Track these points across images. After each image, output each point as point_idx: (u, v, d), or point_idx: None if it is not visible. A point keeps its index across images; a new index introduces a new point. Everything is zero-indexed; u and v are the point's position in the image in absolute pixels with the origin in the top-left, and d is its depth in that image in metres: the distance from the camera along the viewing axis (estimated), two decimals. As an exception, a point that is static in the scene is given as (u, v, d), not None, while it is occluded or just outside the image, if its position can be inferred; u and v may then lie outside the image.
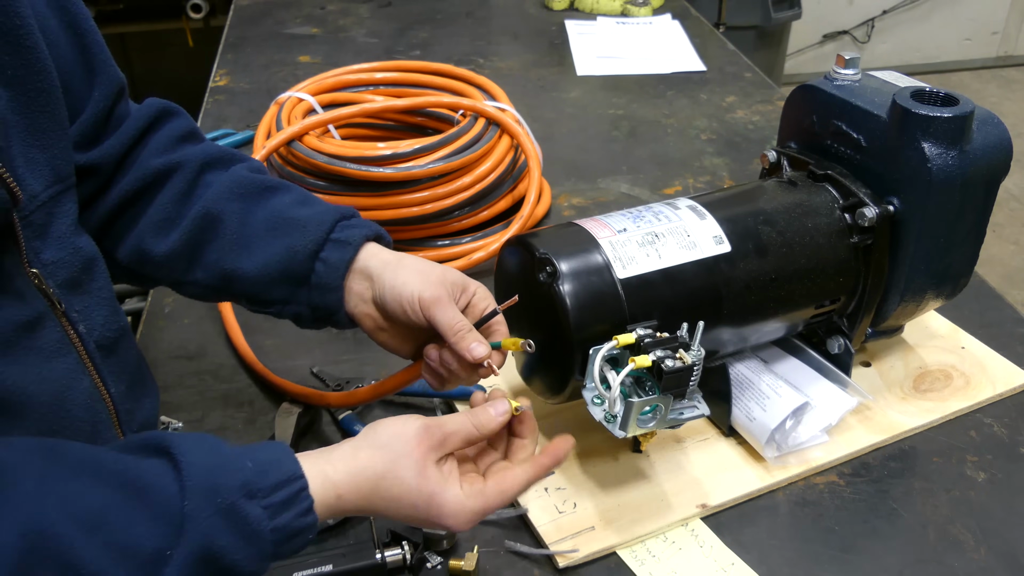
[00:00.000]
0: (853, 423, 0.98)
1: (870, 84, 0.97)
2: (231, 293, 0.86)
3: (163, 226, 0.85)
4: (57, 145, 0.74)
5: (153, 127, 0.88)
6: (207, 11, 2.94)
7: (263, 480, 0.62)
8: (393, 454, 0.68)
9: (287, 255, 0.82)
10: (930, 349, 1.09)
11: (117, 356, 0.79)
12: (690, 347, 0.79)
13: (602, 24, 2.15)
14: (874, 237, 0.93)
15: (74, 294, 0.74)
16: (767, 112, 1.73)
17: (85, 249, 0.76)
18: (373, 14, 2.21)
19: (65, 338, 0.73)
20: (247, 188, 0.85)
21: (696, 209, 0.92)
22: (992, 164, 0.92)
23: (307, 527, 0.63)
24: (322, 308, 0.83)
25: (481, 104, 1.32)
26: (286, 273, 0.82)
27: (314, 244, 0.81)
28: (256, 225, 0.84)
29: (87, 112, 0.81)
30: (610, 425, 0.79)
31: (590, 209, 1.41)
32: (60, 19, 0.78)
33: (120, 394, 0.78)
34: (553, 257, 0.83)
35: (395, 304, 0.79)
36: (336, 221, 0.83)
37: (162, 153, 0.86)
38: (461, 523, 0.70)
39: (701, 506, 0.88)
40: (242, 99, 1.78)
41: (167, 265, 0.85)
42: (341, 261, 0.81)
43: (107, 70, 0.82)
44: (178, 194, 0.85)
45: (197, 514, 0.59)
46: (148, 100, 0.89)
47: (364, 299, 0.82)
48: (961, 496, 0.91)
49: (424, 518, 0.69)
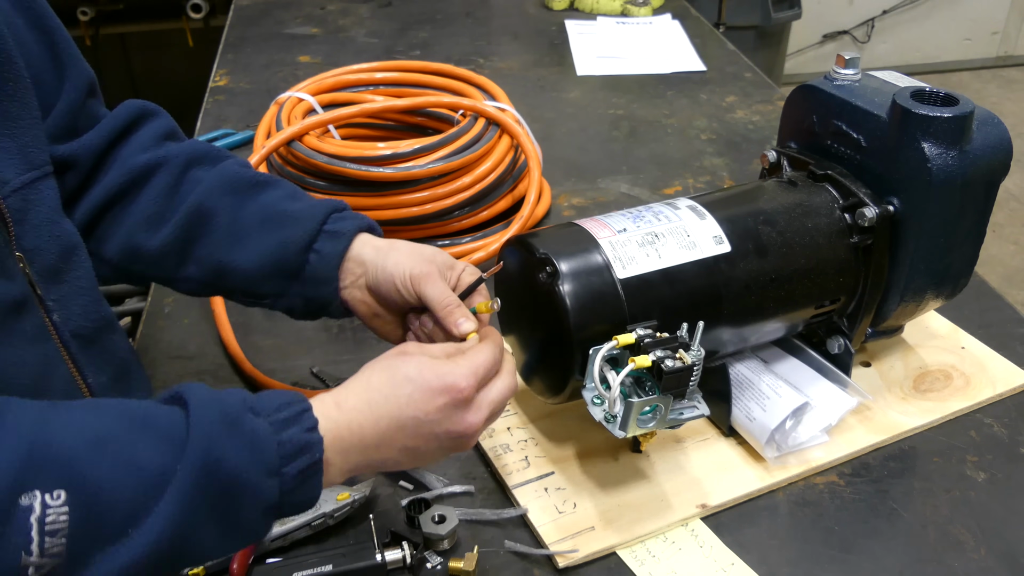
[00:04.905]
0: (853, 423, 0.98)
1: (870, 84, 0.97)
2: (224, 287, 0.87)
3: (153, 221, 0.85)
4: (28, 132, 0.75)
5: (134, 126, 0.89)
6: (207, 11, 2.94)
7: (267, 402, 0.64)
8: (393, 366, 0.71)
9: (280, 248, 0.83)
10: (930, 349, 1.09)
11: (98, 347, 0.79)
12: (690, 347, 0.79)
13: (602, 24, 2.15)
14: (874, 237, 0.93)
15: (52, 282, 0.75)
16: (767, 112, 1.73)
17: (65, 237, 0.77)
18: (373, 14, 2.21)
19: (43, 324, 0.74)
20: (238, 183, 0.86)
21: (696, 209, 0.92)
22: (992, 164, 0.92)
23: (312, 443, 0.64)
24: (315, 299, 0.84)
25: (481, 104, 1.32)
26: (279, 266, 0.83)
27: (307, 237, 0.83)
28: (248, 219, 0.84)
29: (60, 105, 0.82)
30: (610, 425, 0.79)
31: (590, 209, 1.41)
32: (26, 17, 0.80)
33: (101, 385, 0.79)
34: (553, 257, 0.83)
35: (388, 284, 0.81)
36: (328, 214, 0.84)
37: (146, 150, 0.87)
38: (471, 385, 0.71)
39: (701, 506, 0.88)
40: (242, 99, 1.78)
41: (159, 261, 0.86)
42: (335, 252, 0.83)
43: (76, 64, 0.84)
44: (165, 189, 0.86)
45: (200, 428, 0.59)
46: (127, 101, 0.90)
47: (358, 286, 0.84)
48: (961, 496, 0.91)
49: (443, 404, 0.69)
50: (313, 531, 0.84)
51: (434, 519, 0.84)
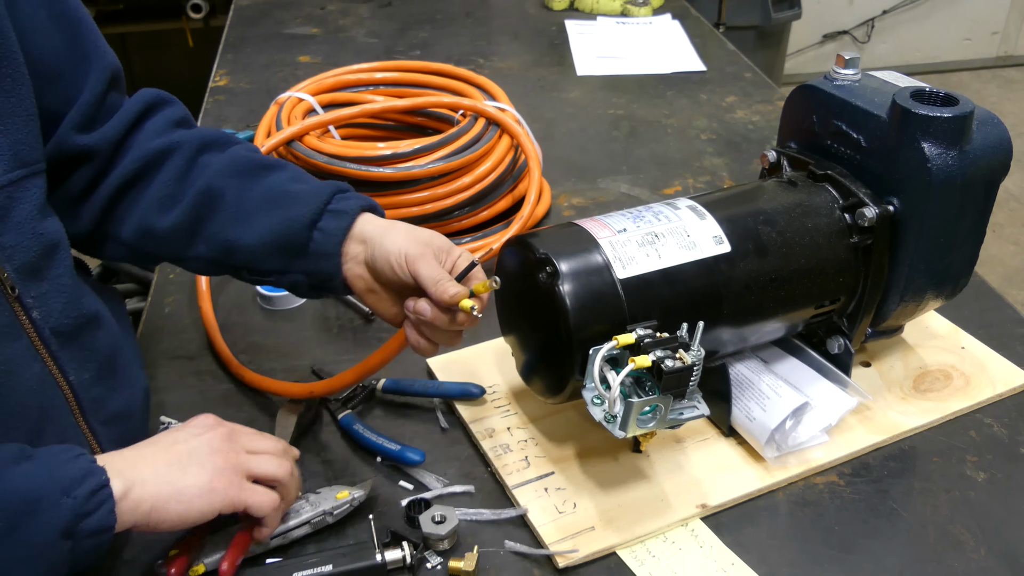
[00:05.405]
0: (853, 423, 0.98)
1: (870, 84, 0.97)
2: (231, 264, 0.89)
3: (165, 203, 0.88)
4: (22, 130, 0.76)
5: (148, 113, 0.91)
6: (207, 11, 2.94)
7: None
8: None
9: (285, 225, 0.85)
10: (930, 349, 1.09)
11: (80, 343, 0.81)
12: (690, 347, 0.79)
13: (602, 24, 2.15)
14: (874, 237, 0.93)
15: (32, 280, 0.76)
16: (767, 112, 1.73)
17: (47, 235, 0.78)
18: (373, 14, 2.21)
19: (16, 322, 0.75)
20: (245, 166, 0.89)
21: (696, 209, 0.92)
22: (992, 164, 0.92)
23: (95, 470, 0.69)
24: (319, 275, 0.86)
25: (481, 104, 1.32)
26: (284, 243, 0.85)
27: (312, 215, 0.85)
28: (254, 200, 0.87)
29: (83, 96, 0.84)
30: (610, 425, 0.79)
31: (590, 209, 1.41)
32: (49, 10, 0.81)
33: (83, 382, 0.81)
34: (553, 257, 0.83)
35: (384, 262, 0.83)
36: (332, 194, 0.87)
37: (159, 136, 0.89)
38: (239, 428, 0.82)
39: (701, 506, 0.88)
40: (242, 99, 1.78)
41: (170, 240, 0.88)
42: (339, 229, 0.85)
43: (101, 56, 0.86)
44: (178, 172, 0.88)
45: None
46: (142, 90, 0.91)
47: (358, 262, 0.86)
48: (961, 496, 0.91)
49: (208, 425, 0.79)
50: (313, 528, 0.85)
51: (434, 519, 0.84)
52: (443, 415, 1.00)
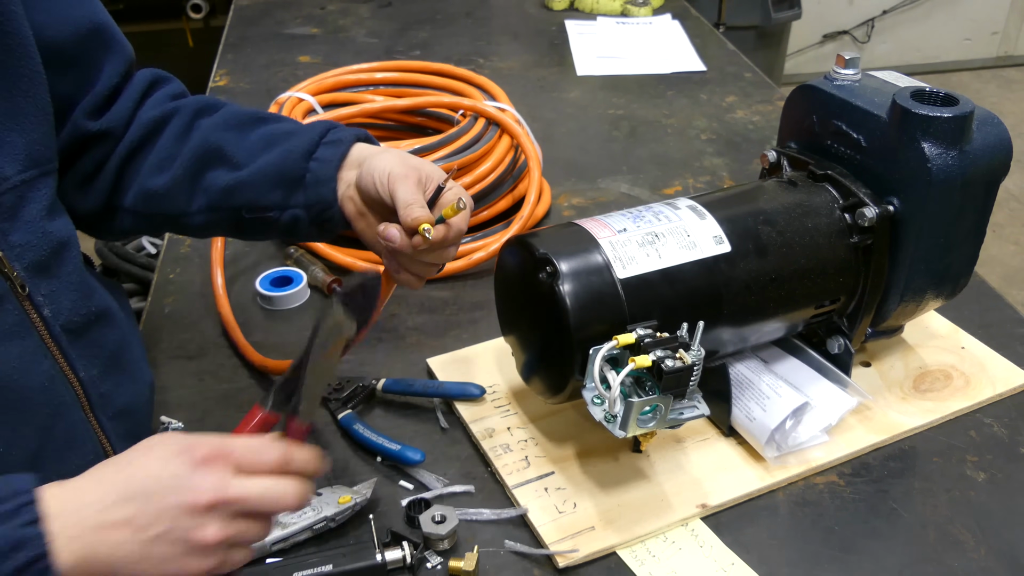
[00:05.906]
0: (853, 423, 0.98)
1: (870, 84, 0.97)
2: (232, 206, 0.90)
3: (164, 164, 0.90)
4: (37, 130, 0.76)
5: (151, 90, 0.93)
6: (207, 11, 2.94)
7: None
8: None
9: (282, 157, 0.87)
10: (930, 349, 1.09)
11: (89, 340, 0.81)
12: (690, 347, 0.79)
13: (602, 24, 2.15)
14: (874, 237, 0.93)
15: (41, 277, 0.76)
16: (767, 112, 1.73)
17: (56, 234, 0.78)
18: (373, 14, 2.21)
19: (25, 320, 0.75)
20: (240, 119, 0.92)
21: (696, 209, 0.92)
22: (992, 164, 0.92)
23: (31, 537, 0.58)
24: (317, 205, 0.88)
25: (481, 104, 1.32)
26: (282, 174, 0.87)
27: (308, 146, 0.88)
28: (252, 144, 0.89)
29: (99, 85, 0.87)
30: (610, 425, 0.79)
31: (590, 209, 1.41)
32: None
33: (92, 378, 0.81)
34: (553, 257, 0.83)
35: (368, 179, 0.85)
36: (327, 128, 0.90)
37: (158, 106, 0.92)
38: (218, 452, 0.63)
39: (701, 506, 0.88)
40: (242, 99, 1.78)
41: (171, 196, 0.89)
42: (335, 156, 0.88)
43: (121, 47, 0.89)
44: (176, 135, 0.90)
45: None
46: (142, 70, 0.94)
47: (349, 184, 0.88)
48: (961, 496, 0.91)
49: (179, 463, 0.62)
50: (315, 534, 0.84)
51: (434, 519, 0.84)
52: (443, 415, 1.00)
